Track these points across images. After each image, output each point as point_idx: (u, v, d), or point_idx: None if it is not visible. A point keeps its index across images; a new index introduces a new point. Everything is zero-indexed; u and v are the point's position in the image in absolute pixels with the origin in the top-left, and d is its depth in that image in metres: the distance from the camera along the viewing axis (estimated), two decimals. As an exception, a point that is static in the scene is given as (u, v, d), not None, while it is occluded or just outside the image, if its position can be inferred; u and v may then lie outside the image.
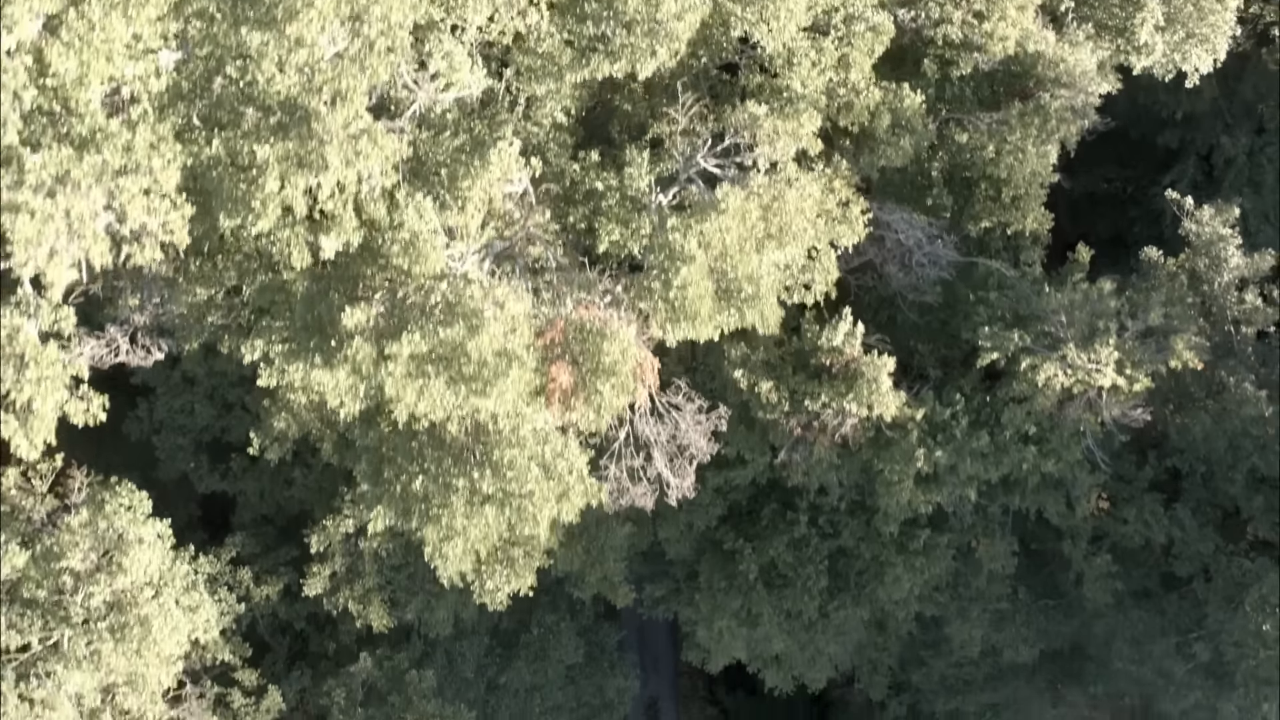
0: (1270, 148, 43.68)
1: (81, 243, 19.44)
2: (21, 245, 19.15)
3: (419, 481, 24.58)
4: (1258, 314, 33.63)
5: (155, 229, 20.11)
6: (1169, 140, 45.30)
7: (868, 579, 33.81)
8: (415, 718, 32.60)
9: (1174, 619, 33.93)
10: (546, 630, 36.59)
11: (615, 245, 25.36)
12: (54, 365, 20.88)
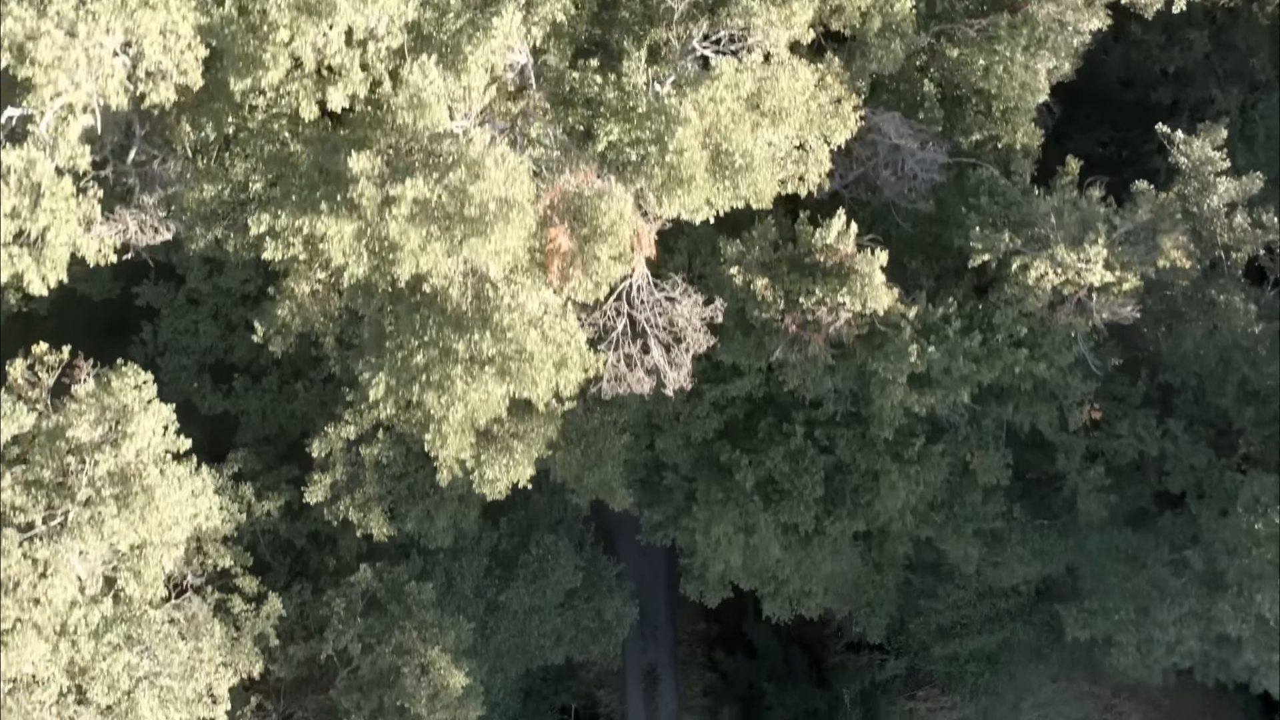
0: (1263, 103, 44.30)
1: (99, 75, 19.96)
2: (42, 70, 19.67)
3: (420, 356, 25.03)
4: (1248, 236, 34.12)
5: (170, 69, 20.65)
6: (1162, 97, 45.93)
7: (864, 492, 34.14)
8: (414, 626, 32.85)
9: (1168, 535, 34.24)
10: (545, 551, 36.90)
11: (613, 147, 25.90)
12: (69, 200, 21.37)
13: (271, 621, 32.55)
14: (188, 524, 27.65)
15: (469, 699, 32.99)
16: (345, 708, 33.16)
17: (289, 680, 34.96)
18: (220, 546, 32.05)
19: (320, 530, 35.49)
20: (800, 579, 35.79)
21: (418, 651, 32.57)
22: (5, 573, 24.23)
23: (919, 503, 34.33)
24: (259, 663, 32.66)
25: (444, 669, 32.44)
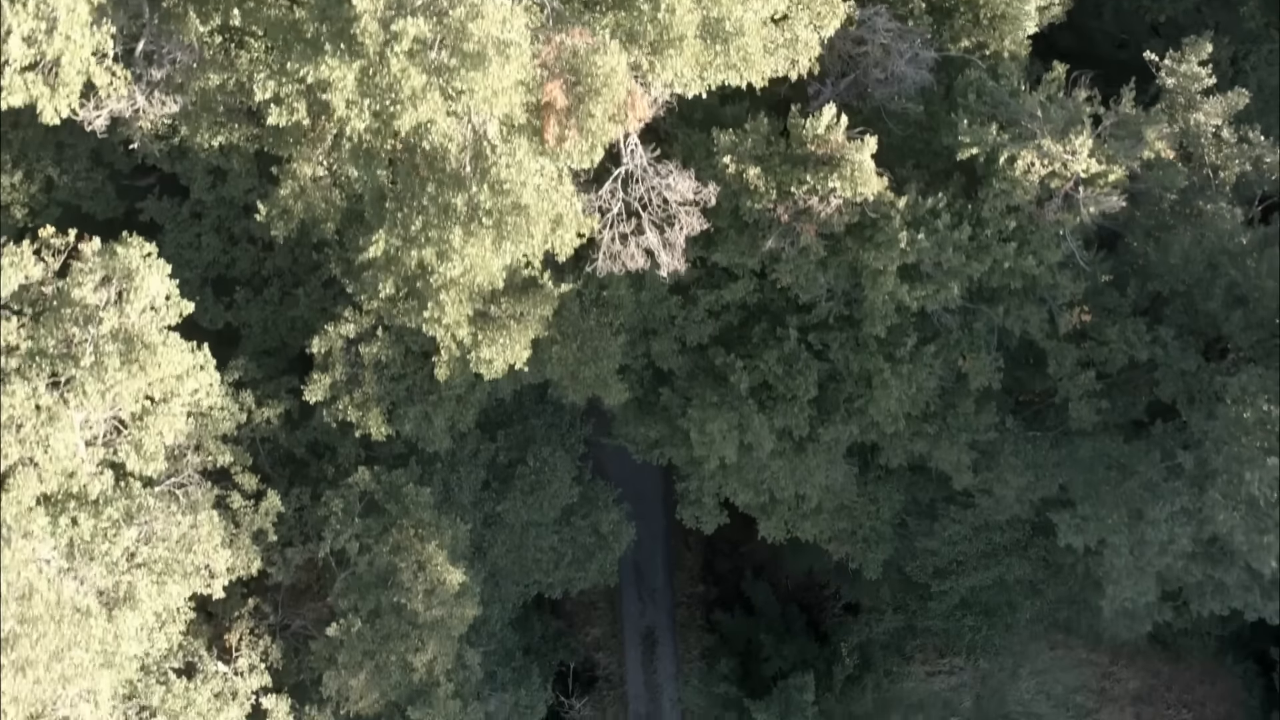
0: (1254, 54, 44.95)
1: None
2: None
3: (418, 219, 25.55)
4: (1235, 153, 34.71)
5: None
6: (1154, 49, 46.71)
7: (857, 398, 34.53)
8: (412, 525, 33.17)
9: (1160, 442, 34.57)
10: (542, 464, 37.25)
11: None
12: (84, 27, 21.90)
13: (270, 518, 32.87)
14: (188, 396, 28.08)
15: (466, 597, 33.25)
16: (343, 609, 33.40)
17: (287, 586, 35.24)
18: (220, 444, 32.41)
19: (319, 439, 35.89)
20: (794, 486, 36.02)
21: (415, 549, 32.85)
22: (9, 412, 24.59)
23: (912, 408, 34.70)
24: (257, 560, 32.98)
25: (440, 565, 32.74)
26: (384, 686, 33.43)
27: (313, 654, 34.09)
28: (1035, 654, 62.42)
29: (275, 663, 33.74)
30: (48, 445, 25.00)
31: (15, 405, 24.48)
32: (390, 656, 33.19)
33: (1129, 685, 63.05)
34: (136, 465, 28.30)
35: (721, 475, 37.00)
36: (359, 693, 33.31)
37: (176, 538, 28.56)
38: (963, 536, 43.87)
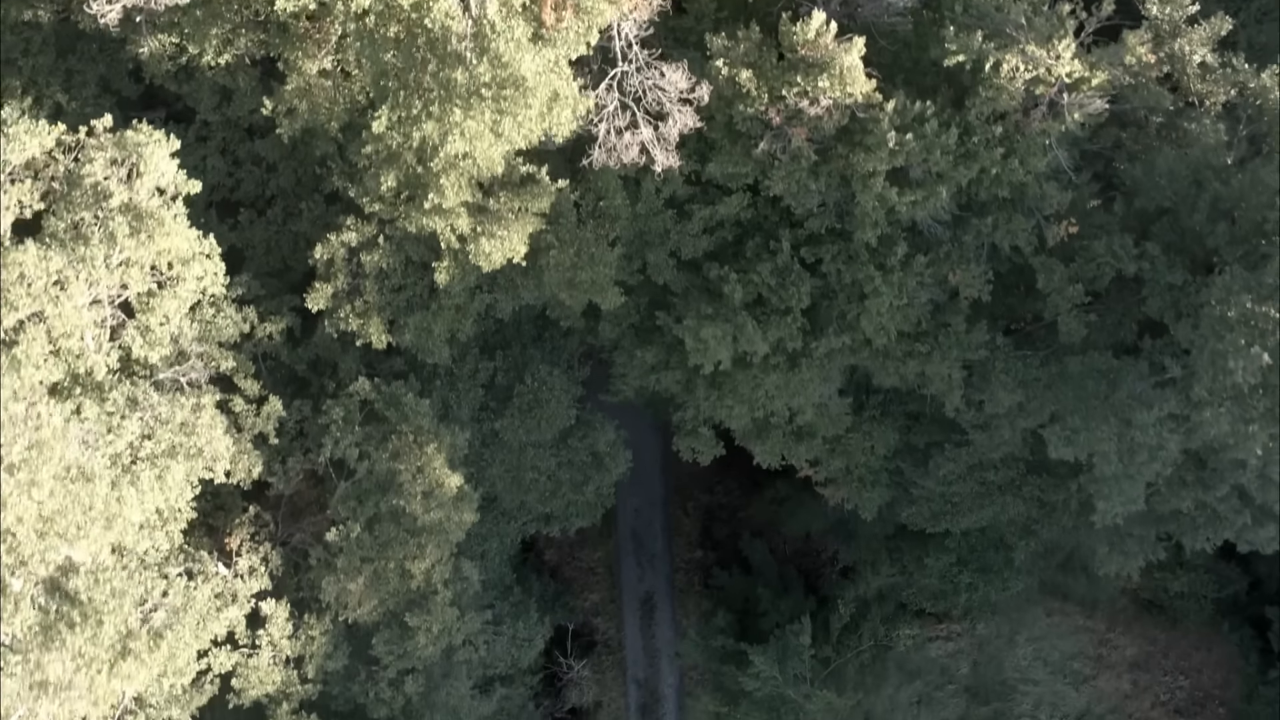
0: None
1: None
2: None
3: (419, 100, 26.28)
4: (1219, 78, 35.42)
5: None
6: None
7: (849, 311, 35.11)
8: (411, 430, 33.64)
9: (1148, 355, 35.09)
10: (540, 384, 37.78)
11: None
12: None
13: (272, 423, 33.38)
14: (194, 283, 28.71)
15: (464, 502, 33.69)
16: (342, 516, 33.84)
17: (287, 498, 35.70)
18: (223, 350, 32.96)
19: (320, 356, 36.47)
20: (788, 399, 36.43)
21: (414, 454, 33.33)
22: (20, 269, 25.11)
23: (903, 323, 35.28)
24: (259, 465, 33.49)
25: (439, 469, 33.21)
26: (382, 594, 33.82)
27: (312, 565, 34.51)
28: (1032, 621, 62.65)
29: (275, 569, 34.16)
30: (58, 300, 25.48)
31: (27, 263, 25.04)
32: (389, 564, 33.60)
33: (1126, 652, 63.26)
34: (142, 351, 28.89)
35: (716, 396, 37.52)
36: (357, 599, 33.72)
37: (179, 421, 29.08)
38: (957, 476, 44.25)
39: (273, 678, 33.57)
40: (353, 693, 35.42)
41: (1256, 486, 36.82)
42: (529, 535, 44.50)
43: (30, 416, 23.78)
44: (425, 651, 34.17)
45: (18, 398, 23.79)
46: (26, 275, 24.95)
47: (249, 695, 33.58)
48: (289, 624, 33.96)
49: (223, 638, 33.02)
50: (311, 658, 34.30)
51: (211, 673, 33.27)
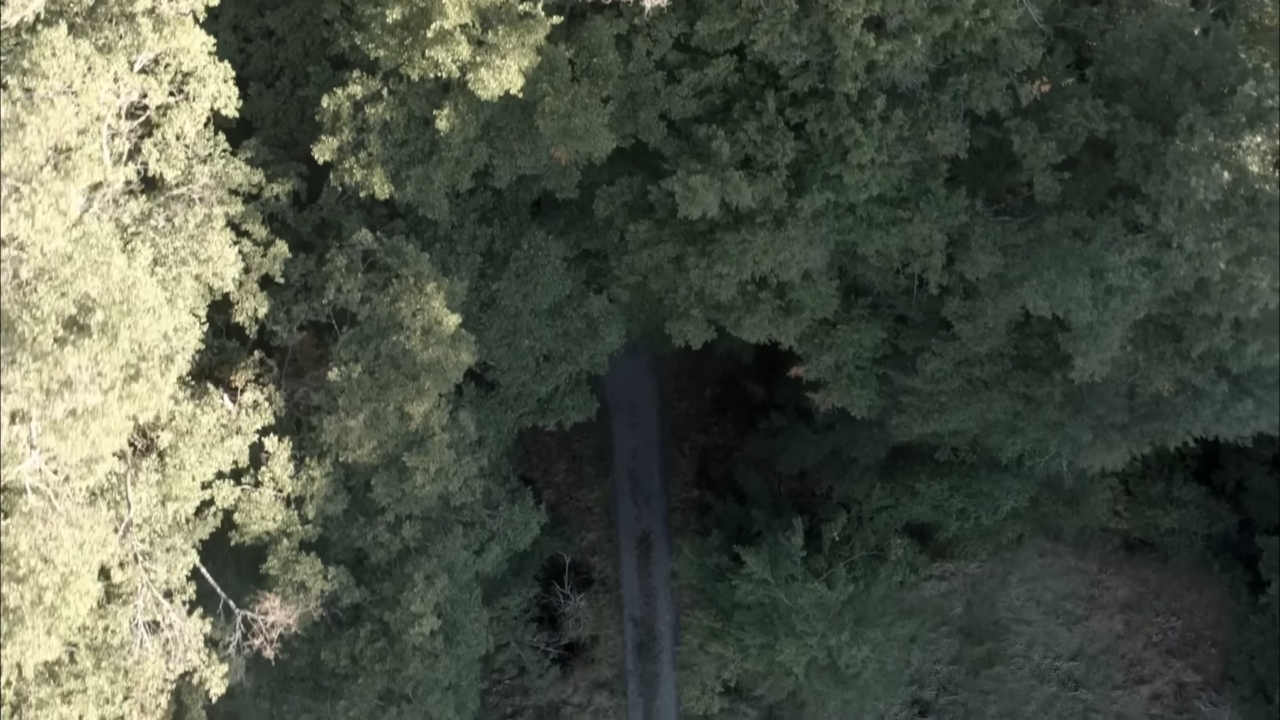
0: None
1: None
2: None
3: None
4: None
5: None
6: None
7: (832, 168, 36.52)
8: (412, 275, 34.91)
9: (1121, 213, 36.37)
10: (535, 249, 39.09)
11: None
12: None
13: (278, 264, 34.70)
14: (207, 100, 30.18)
15: (461, 342, 34.85)
16: (344, 358, 34.99)
17: (291, 354, 36.89)
18: (231, 196, 34.33)
19: (326, 219, 37.84)
20: (774, 260, 37.61)
21: (414, 295, 34.57)
22: (54, 47, 26.37)
23: (884, 184, 36.67)
24: (265, 306, 34.75)
25: (438, 308, 34.43)
26: (381, 436, 34.91)
27: (314, 408, 35.63)
28: (1024, 561, 63.37)
29: (278, 410, 35.26)
30: (86, 79, 26.82)
31: (58, 40, 26.36)
32: (388, 406, 34.72)
33: (1118, 593, 63.90)
34: (158, 167, 30.29)
35: (706, 264, 38.78)
36: (357, 438, 34.79)
37: (192, 228, 30.42)
38: (944, 374, 45.28)
39: (274, 514, 34.55)
40: (351, 537, 36.35)
41: (1230, 349, 37.93)
42: (526, 428, 45.55)
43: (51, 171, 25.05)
44: (423, 491, 35.19)
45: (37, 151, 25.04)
46: (58, 52, 26.30)
47: (250, 531, 34.54)
48: (290, 465, 35.02)
49: (226, 470, 34.09)
50: (312, 499, 35.29)
51: (214, 506, 34.29)
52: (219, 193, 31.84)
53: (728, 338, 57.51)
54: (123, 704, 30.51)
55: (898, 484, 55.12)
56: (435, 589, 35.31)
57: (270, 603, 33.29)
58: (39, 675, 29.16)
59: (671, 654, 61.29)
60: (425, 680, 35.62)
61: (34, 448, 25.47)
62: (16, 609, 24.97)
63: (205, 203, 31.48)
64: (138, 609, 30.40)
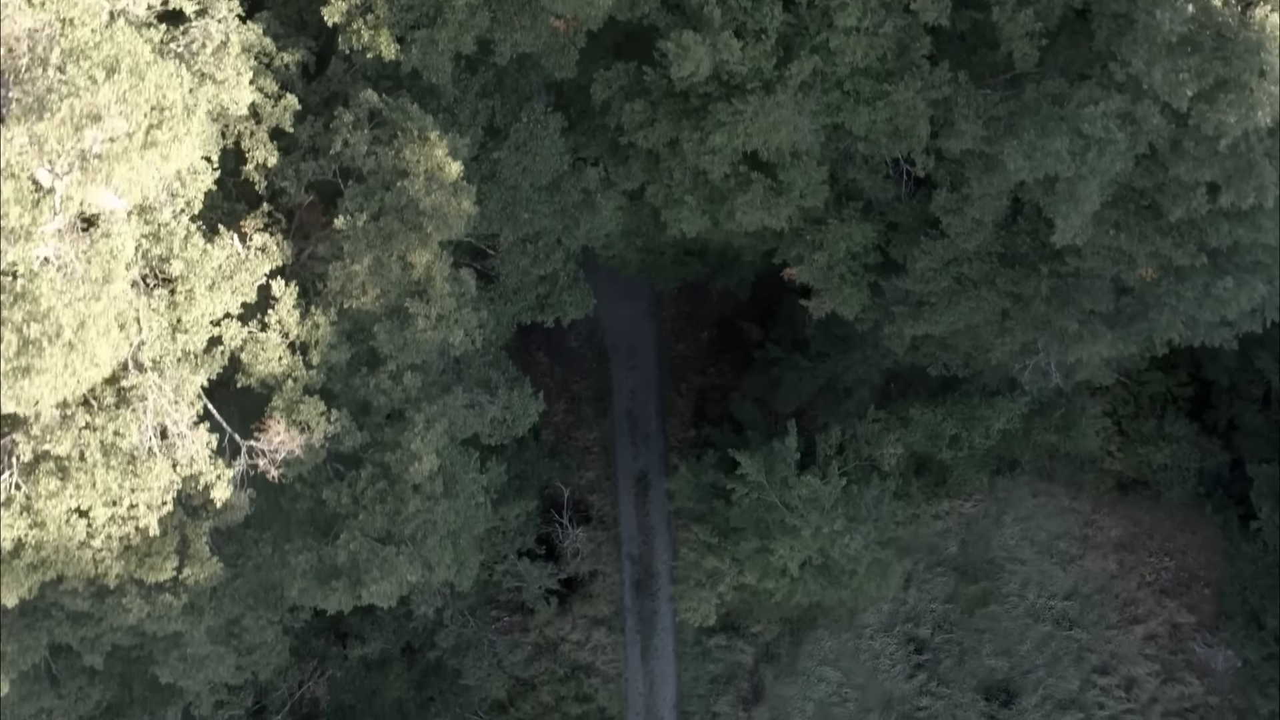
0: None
1: None
2: None
3: None
4: None
5: None
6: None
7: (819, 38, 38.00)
8: (417, 129, 36.25)
9: (1099, 80, 37.78)
10: (535, 122, 40.47)
11: None
12: None
13: (288, 116, 36.06)
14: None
15: (463, 192, 36.08)
16: (350, 209, 36.21)
17: (299, 218, 38.12)
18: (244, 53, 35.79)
19: (334, 90, 39.26)
20: (763, 135, 38.94)
21: (418, 144, 35.89)
22: None
23: (869, 55, 38.14)
24: (274, 156, 36.08)
25: (440, 156, 35.73)
26: (384, 284, 36.03)
27: (319, 261, 36.80)
28: (1018, 501, 64.15)
29: (286, 258, 36.41)
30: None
31: None
32: (392, 255, 35.89)
33: (1111, 533, 64.53)
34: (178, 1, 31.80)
35: (699, 137, 40.14)
36: (360, 284, 35.92)
37: (209, 53, 31.85)
38: (934, 273, 46.48)
39: (279, 357, 35.53)
40: (354, 387, 37.29)
41: (1207, 218, 39.16)
42: (525, 323, 46.66)
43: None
44: (424, 337, 36.24)
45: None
46: None
47: (256, 372, 35.51)
48: (296, 311, 36.10)
49: (235, 312, 35.15)
50: (316, 345, 36.28)
51: (222, 345, 35.32)
52: (233, 24, 33.28)
53: (726, 272, 59.07)
54: (129, 509, 31.34)
55: (891, 414, 56.01)
56: (435, 432, 36.24)
57: (275, 426, 34.18)
58: (48, 470, 30.06)
59: (669, 592, 61.87)
60: (424, 523, 36.41)
61: (56, 212, 26.63)
62: (36, 340, 25.94)
63: (221, 32, 32.89)
64: (147, 409, 31.30)
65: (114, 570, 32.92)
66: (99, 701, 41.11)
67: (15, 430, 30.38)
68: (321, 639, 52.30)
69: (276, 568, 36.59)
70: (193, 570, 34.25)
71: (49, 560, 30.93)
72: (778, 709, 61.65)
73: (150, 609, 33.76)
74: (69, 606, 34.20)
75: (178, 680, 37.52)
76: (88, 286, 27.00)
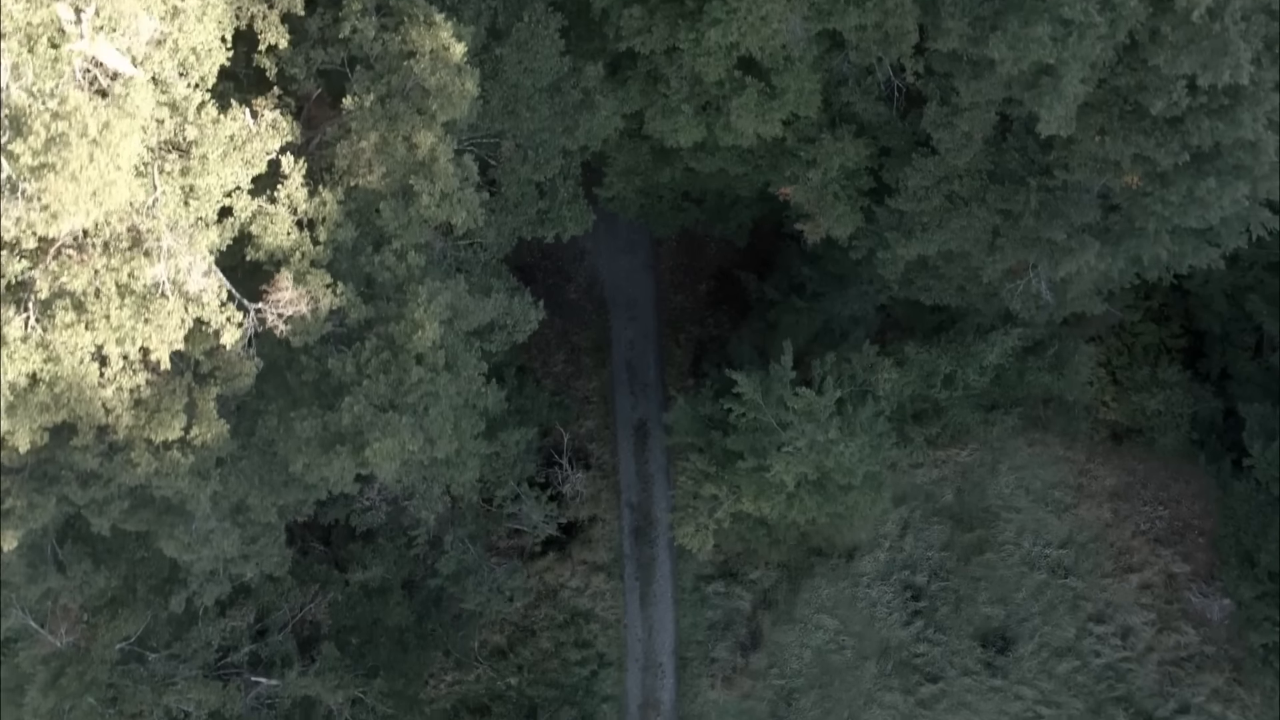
0: None
1: None
2: None
3: None
4: None
5: None
6: None
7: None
8: (422, 14, 37.54)
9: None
10: (537, 22, 41.80)
11: None
12: None
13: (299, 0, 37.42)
14: None
15: (466, 73, 37.30)
16: (356, 91, 37.43)
17: (308, 108, 39.36)
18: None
19: (343, -9, 40.67)
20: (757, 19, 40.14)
21: (423, 27, 37.17)
22: None
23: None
24: (285, 38, 37.34)
25: (445, 37, 36.99)
26: (390, 163, 37.18)
27: (327, 144, 37.97)
28: (1013, 450, 64.89)
29: (296, 137, 37.57)
30: None
31: None
32: (397, 135, 37.08)
33: (1105, 482, 65.22)
34: None
35: (695, 37, 41.48)
36: (367, 162, 37.07)
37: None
38: (926, 190, 47.63)
39: (288, 231, 36.58)
40: (359, 265, 38.30)
41: (1188, 113, 40.32)
42: (525, 238, 47.74)
43: None
44: (429, 212, 37.30)
45: None
46: None
47: (265, 245, 36.51)
48: (304, 189, 37.20)
49: (245, 184, 36.25)
50: (324, 222, 37.34)
51: (233, 217, 36.37)
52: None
53: (724, 218, 60.22)
54: (141, 352, 32.20)
55: (886, 354, 56.91)
56: (438, 304, 37.18)
57: (283, 283, 35.13)
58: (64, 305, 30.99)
59: (667, 539, 62.49)
60: (426, 394, 37.23)
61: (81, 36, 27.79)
62: (62, 135, 26.92)
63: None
64: (161, 254, 32.27)
65: (124, 422, 33.76)
66: (103, 590, 41.76)
67: (34, 267, 31.37)
68: (323, 565, 52.93)
69: (282, 440, 37.38)
70: (200, 430, 35.08)
71: (62, 399, 31.77)
72: (775, 655, 62.06)
73: (158, 465, 34.52)
74: (79, 466, 34.97)
75: (182, 555, 38.15)
76: (113, 108, 28.13)
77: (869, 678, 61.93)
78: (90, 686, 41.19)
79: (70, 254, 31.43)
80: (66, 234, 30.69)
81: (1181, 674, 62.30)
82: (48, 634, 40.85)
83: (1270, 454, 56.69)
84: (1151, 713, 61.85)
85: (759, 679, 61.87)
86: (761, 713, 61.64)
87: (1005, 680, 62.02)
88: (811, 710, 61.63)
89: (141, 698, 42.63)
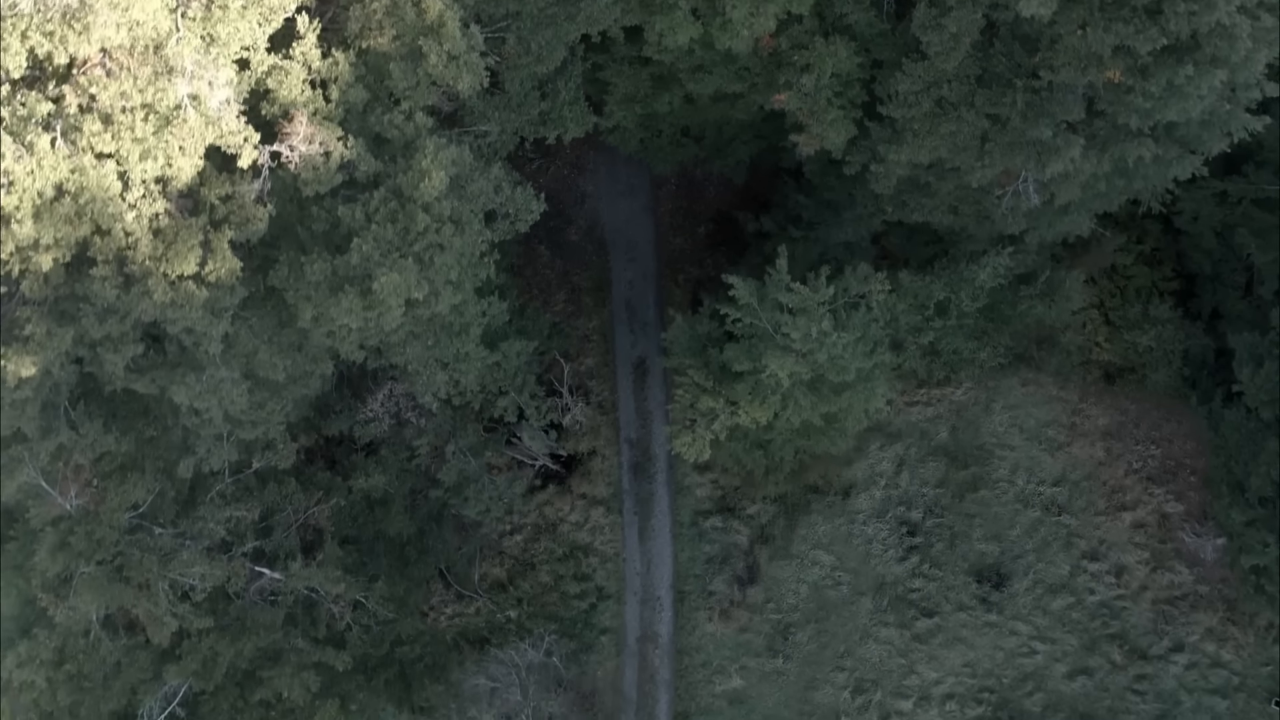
0: None
1: None
2: None
3: None
4: None
5: None
6: None
7: None
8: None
9: None
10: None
11: None
12: None
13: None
14: None
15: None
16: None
17: None
18: None
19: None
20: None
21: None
22: None
23: None
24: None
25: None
26: (400, 27, 38.79)
27: (340, 9, 39.62)
28: (1007, 390, 65.96)
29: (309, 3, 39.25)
30: None
31: None
32: (408, 0, 38.85)
33: (1098, 421, 66.17)
34: None
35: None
36: (378, 23, 38.70)
37: None
38: (915, 96, 49.15)
39: (302, 88, 38.05)
40: (369, 124, 39.74)
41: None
42: (527, 138, 49.24)
43: None
44: (436, 71, 38.79)
45: None
46: None
47: (280, 98, 37.97)
48: (318, 49, 38.76)
49: (262, 43, 37.78)
50: (336, 81, 38.85)
51: (250, 71, 37.87)
52: None
53: (722, 154, 61.80)
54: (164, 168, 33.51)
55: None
56: (444, 157, 38.57)
57: (299, 119, 36.51)
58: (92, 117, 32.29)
59: (665, 475, 63.34)
60: (432, 244, 38.46)
61: None
62: None
63: None
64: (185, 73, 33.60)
65: (143, 251, 34.99)
66: (113, 454, 42.70)
67: (64, 83, 32.77)
68: (326, 472, 53.80)
69: (291, 289, 38.55)
70: (214, 265, 36.30)
71: (85, 210, 33.01)
72: (772, 589, 62.60)
73: (174, 295, 35.68)
74: (98, 298, 36.09)
75: (193, 402, 39.14)
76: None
77: (864, 613, 62.44)
78: (98, 547, 41.97)
79: (99, 73, 32.80)
80: (97, 48, 32.08)
81: (1175, 613, 62.78)
82: (57, 495, 41.71)
83: (1259, 379, 57.71)
84: (1146, 650, 62.25)
85: (756, 613, 62.37)
86: (758, 646, 62.08)
87: (1000, 615, 62.52)
88: (808, 644, 62.06)
89: (148, 567, 43.37)
